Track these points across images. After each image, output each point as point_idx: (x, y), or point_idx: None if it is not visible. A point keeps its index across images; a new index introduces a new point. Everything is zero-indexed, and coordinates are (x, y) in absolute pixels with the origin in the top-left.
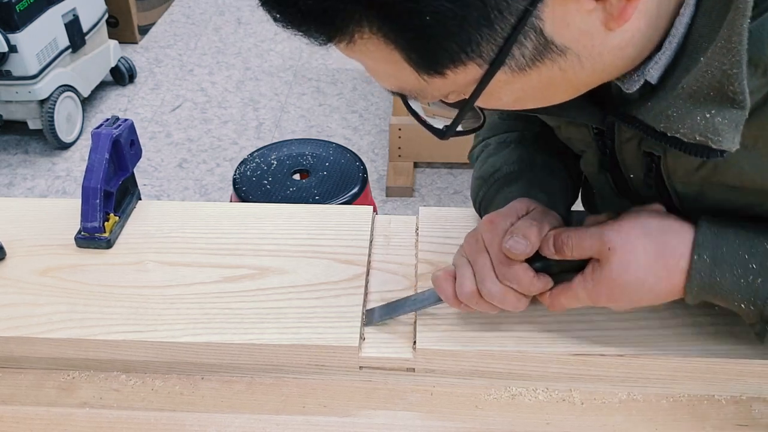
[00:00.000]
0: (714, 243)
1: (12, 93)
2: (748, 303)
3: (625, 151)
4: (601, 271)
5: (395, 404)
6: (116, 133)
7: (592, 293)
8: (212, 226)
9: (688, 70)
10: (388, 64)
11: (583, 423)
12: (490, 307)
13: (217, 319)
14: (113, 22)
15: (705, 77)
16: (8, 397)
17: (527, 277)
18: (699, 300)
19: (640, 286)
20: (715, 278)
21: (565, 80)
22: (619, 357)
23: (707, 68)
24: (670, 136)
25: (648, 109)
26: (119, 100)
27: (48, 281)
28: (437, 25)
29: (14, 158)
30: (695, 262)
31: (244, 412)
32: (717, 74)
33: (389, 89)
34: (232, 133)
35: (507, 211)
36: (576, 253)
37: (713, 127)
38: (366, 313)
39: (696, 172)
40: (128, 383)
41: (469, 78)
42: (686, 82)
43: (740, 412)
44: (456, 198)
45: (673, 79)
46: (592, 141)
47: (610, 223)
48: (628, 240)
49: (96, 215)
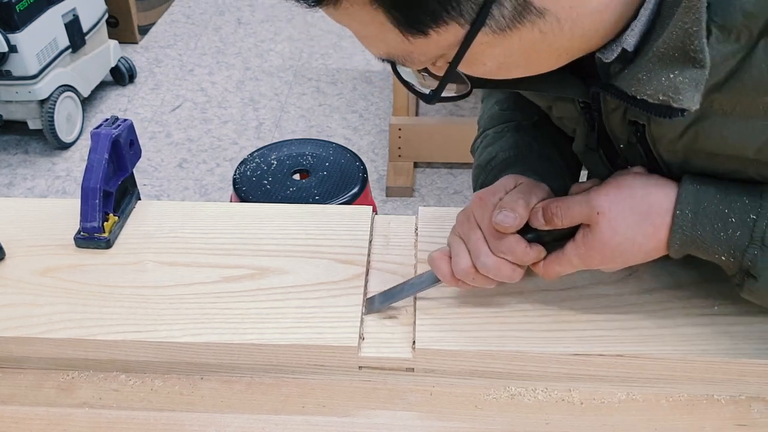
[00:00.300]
0: (696, 198)
1: (12, 93)
2: (728, 255)
3: (612, 121)
4: (592, 235)
5: (394, 404)
6: (116, 133)
7: (584, 258)
8: (212, 226)
9: (660, 34)
10: (373, 26)
11: (583, 423)
12: (487, 281)
13: (216, 319)
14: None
15: (671, 38)
16: (8, 397)
17: (520, 247)
18: (682, 253)
19: (631, 245)
20: (697, 232)
21: (546, 44)
22: (618, 357)
23: (673, 29)
24: (639, 99)
25: (624, 76)
26: (119, 100)
27: (47, 281)
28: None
29: (14, 158)
30: (677, 216)
31: (244, 412)
32: (681, 34)
33: (378, 56)
34: (232, 133)
35: (495, 188)
36: (566, 221)
37: (674, 86)
38: (366, 301)
39: (679, 139)
40: (128, 383)
41: (451, 39)
42: (656, 45)
43: (739, 412)
44: (456, 198)
45: (648, 45)
46: (579, 116)
47: (595, 188)
48: (615, 202)
49: (95, 215)
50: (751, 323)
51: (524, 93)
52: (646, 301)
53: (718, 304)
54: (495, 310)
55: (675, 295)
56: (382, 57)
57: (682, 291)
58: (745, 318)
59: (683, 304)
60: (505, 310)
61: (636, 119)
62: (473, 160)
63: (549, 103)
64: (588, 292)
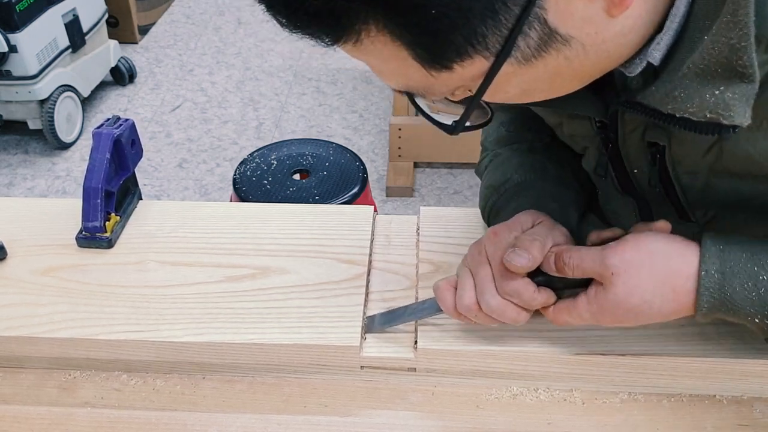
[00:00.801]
0: (721, 258)
1: (12, 93)
2: (762, 317)
3: (629, 142)
4: (605, 294)
5: (396, 404)
6: (117, 133)
7: (596, 315)
8: (213, 226)
9: (693, 48)
10: (395, 61)
11: (585, 423)
12: (489, 320)
13: (218, 318)
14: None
15: (712, 54)
16: (9, 397)
17: (528, 291)
18: (710, 318)
19: (648, 309)
20: (725, 293)
21: (571, 70)
22: (620, 357)
23: (713, 45)
24: (678, 117)
25: (653, 93)
26: (119, 100)
27: (49, 281)
28: (443, 19)
29: (14, 158)
30: (703, 278)
31: (246, 412)
32: (724, 50)
33: (396, 88)
34: (232, 133)
35: (512, 224)
36: (577, 273)
37: (724, 102)
38: (366, 320)
39: (702, 159)
40: (129, 383)
41: (475, 71)
42: (692, 60)
43: (741, 412)
44: (456, 198)
45: (676, 59)
46: (594, 135)
47: (612, 246)
48: (631, 265)
49: (97, 215)
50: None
51: (535, 109)
52: None
53: None
54: None
55: None
56: (400, 89)
57: None
58: None
59: None
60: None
61: (656, 140)
62: (481, 179)
63: (560, 120)
64: None
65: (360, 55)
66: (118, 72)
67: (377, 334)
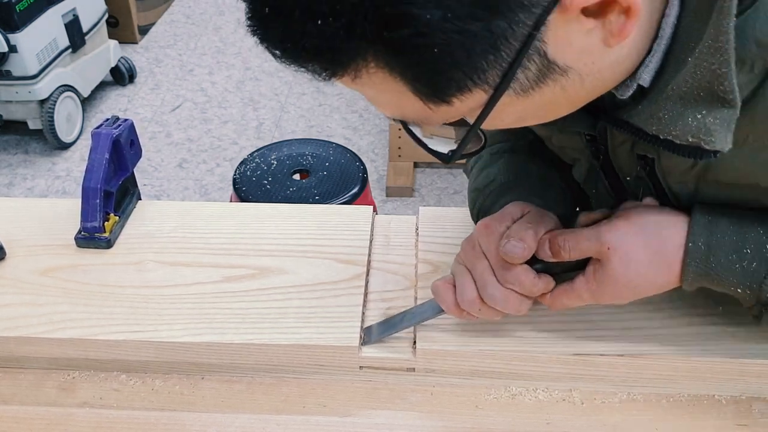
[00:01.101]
0: (708, 230)
1: (12, 93)
2: (744, 287)
3: (619, 154)
4: (603, 271)
5: (395, 404)
6: (116, 133)
7: (595, 293)
8: (212, 226)
9: (677, 71)
10: (392, 94)
11: (584, 423)
12: (494, 313)
13: (217, 319)
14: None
15: (694, 78)
16: (9, 397)
17: (528, 278)
18: (695, 286)
19: (643, 280)
20: (711, 264)
21: (566, 98)
22: (619, 357)
23: (695, 69)
24: (662, 138)
25: (639, 112)
26: (119, 100)
27: (48, 281)
28: (445, 56)
29: (14, 158)
30: (690, 249)
31: (245, 412)
32: (706, 74)
33: (391, 117)
34: (232, 133)
35: (501, 216)
36: (573, 255)
37: (705, 127)
38: (363, 331)
39: (690, 171)
40: (128, 383)
41: (474, 104)
42: (675, 83)
43: (740, 411)
44: (456, 198)
45: (662, 81)
46: (585, 147)
47: (605, 222)
48: (626, 238)
49: (96, 215)
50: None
51: None
52: (647, 301)
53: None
54: None
55: (676, 295)
56: (395, 118)
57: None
58: (746, 318)
59: (684, 304)
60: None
61: (645, 153)
62: (468, 181)
63: (550, 133)
64: None
65: (357, 88)
66: (118, 72)
67: None
